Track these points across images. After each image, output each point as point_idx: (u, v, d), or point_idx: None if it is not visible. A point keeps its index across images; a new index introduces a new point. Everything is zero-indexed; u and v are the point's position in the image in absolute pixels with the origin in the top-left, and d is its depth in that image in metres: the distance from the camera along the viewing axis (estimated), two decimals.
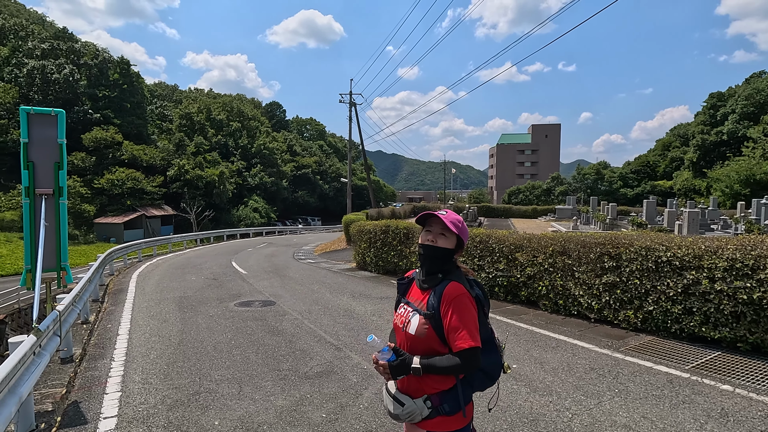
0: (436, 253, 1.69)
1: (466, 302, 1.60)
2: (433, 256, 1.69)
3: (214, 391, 4.16)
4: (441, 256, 1.69)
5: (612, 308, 6.02)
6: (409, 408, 1.59)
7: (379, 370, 1.62)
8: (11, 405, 2.82)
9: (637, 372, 4.39)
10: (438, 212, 1.71)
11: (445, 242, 1.69)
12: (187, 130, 52.20)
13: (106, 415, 3.73)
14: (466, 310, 1.58)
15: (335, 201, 66.75)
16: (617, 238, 6.11)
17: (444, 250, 1.69)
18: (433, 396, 1.61)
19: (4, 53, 41.35)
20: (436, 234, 1.70)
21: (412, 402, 1.60)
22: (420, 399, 1.61)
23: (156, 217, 41.51)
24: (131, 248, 17.11)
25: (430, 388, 1.61)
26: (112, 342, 5.87)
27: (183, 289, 9.81)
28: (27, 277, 4.23)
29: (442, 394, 1.61)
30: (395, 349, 1.61)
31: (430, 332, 1.61)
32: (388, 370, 1.59)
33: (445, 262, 1.70)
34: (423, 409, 1.59)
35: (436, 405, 1.60)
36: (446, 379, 1.61)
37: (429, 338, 1.61)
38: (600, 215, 24.13)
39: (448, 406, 1.60)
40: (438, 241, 1.69)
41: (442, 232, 1.70)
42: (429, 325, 1.61)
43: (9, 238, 28.64)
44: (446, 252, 1.69)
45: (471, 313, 1.60)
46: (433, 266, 1.70)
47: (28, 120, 4.07)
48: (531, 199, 53.53)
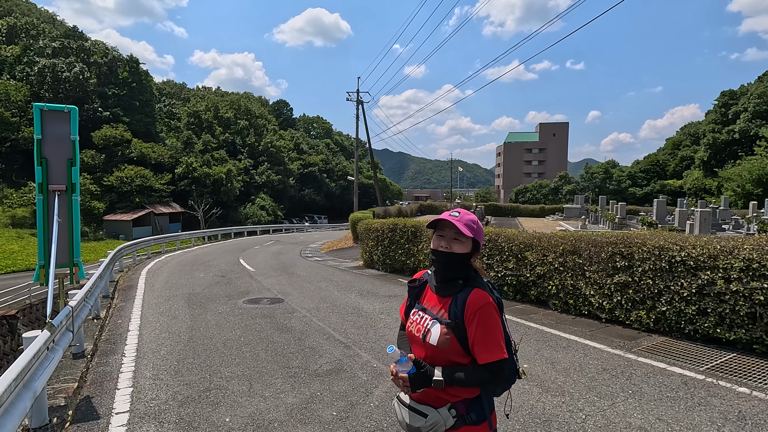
0: (452, 260, 1.56)
1: (492, 312, 1.49)
2: (448, 263, 1.57)
3: (225, 387, 4.16)
4: (457, 262, 1.56)
5: (624, 308, 5.94)
6: (433, 419, 1.49)
7: (398, 383, 1.50)
8: (26, 399, 2.84)
9: (650, 373, 4.32)
10: (449, 214, 1.58)
11: (460, 247, 1.56)
12: (195, 128, 52.53)
13: (118, 410, 3.75)
14: (492, 321, 1.48)
15: (341, 199, 66.84)
16: (629, 238, 6.03)
17: (460, 255, 1.56)
18: (458, 404, 1.51)
19: (15, 52, 41.83)
20: (450, 239, 1.56)
21: (435, 412, 1.49)
22: (444, 408, 1.50)
23: (164, 215, 41.83)
24: (140, 245, 17.25)
25: (454, 396, 1.52)
26: (123, 338, 5.91)
27: (192, 286, 9.86)
28: (40, 273, 4.26)
29: (468, 402, 1.52)
30: (416, 361, 1.50)
31: (454, 343, 1.50)
32: (407, 383, 1.47)
33: (462, 267, 1.57)
34: (448, 418, 1.49)
35: (462, 414, 1.50)
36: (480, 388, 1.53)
37: (451, 349, 1.50)
38: (609, 214, 23.92)
39: (474, 415, 1.50)
40: (453, 246, 1.56)
41: (456, 237, 1.56)
42: (452, 335, 1.50)
43: (20, 234, 29.01)
44: (463, 257, 1.56)
45: (498, 324, 1.50)
46: (450, 273, 1.58)
47: (41, 117, 4.10)
48: (538, 198, 53.22)
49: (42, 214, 4.21)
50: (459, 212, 1.59)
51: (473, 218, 1.59)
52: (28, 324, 13.57)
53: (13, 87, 37.22)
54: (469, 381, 1.46)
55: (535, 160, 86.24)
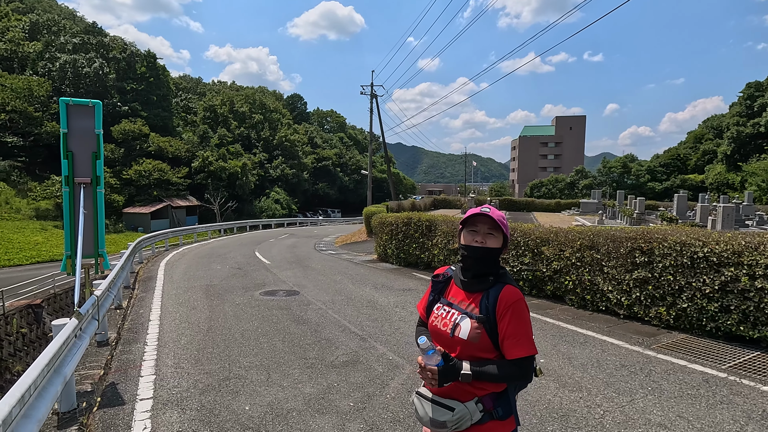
0: (485, 255, 1.56)
1: (523, 308, 1.50)
2: (482, 258, 1.57)
3: (244, 377, 4.25)
4: (490, 257, 1.57)
5: (643, 305, 5.85)
6: (460, 413, 1.47)
7: (426, 376, 1.48)
8: (57, 384, 2.95)
9: (670, 370, 4.26)
10: (481, 210, 1.58)
11: (494, 242, 1.57)
12: (210, 122, 53.17)
13: (142, 396, 3.86)
14: (524, 316, 1.50)
15: (355, 193, 67.00)
16: (650, 233, 5.92)
17: (493, 250, 1.57)
18: (484, 398, 1.50)
19: (38, 48, 42.81)
20: (484, 234, 1.57)
21: (463, 406, 1.48)
22: (471, 402, 1.49)
23: (181, 208, 42.56)
24: (159, 237, 17.61)
25: (481, 390, 1.51)
26: (145, 327, 6.07)
27: (209, 278, 10.04)
28: (67, 263, 4.40)
29: (495, 396, 1.51)
30: (444, 355, 1.48)
31: (484, 337, 1.50)
32: (435, 375, 1.45)
33: (494, 263, 1.59)
34: (475, 412, 1.48)
35: (489, 408, 1.49)
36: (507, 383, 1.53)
37: (482, 344, 1.50)
38: (627, 210, 23.48)
39: (501, 410, 1.49)
40: (487, 241, 1.56)
41: (491, 231, 1.57)
42: (482, 329, 1.50)
43: (44, 226, 29.88)
44: (495, 252, 1.57)
45: (528, 320, 1.51)
46: (482, 268, 1.58)
47: (67, 111, 4.20)
48: (554, 193, 52.49)
49: (68, 206, 4.33)
50: (489, 208, 1.60)
51: (503, 214, 1.61)
52: (53, 313, 14.02)
53: (36, 82, 38.13)
54: (498, 376, 1.46)
55: (550, 154, 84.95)
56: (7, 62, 41.31)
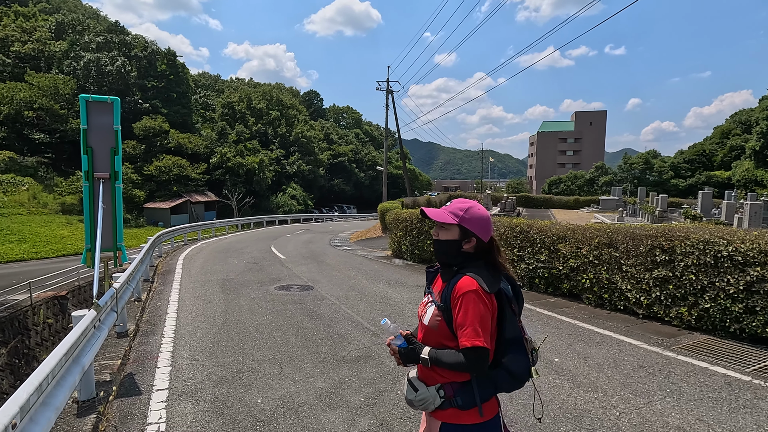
0: (441, 247, 1.67)
1: (473, 298, 1.50)
2: (438, 249, 1.68)
3: (257, 370, 4.30)
4: (446, 248, 1.65)
5: (663, 304, 5.69)
6: (423, 395, 1.57)
7: (392, 355, 1.66)
8: (75, 374, 3.03)
9: (690, 372, 4.14)
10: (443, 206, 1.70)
11: (445, 234, 1.65)
12: (228, 118, 53.83)
13: (158, 387, 3.94)
14: (473, 307, 1.50)
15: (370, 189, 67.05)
16: (671, 231, 5.75)
17: (447, 242, 1.64)
18: (446, 386, 1.57)
19: (63, 47, 43.99)
20: (438, 227, 1.68)
21: (426, 389, 1.58)
22: (433, 387, 1.58)
23: (200, 203, 43.30)
24: (177, 232, 17.97)
25: (444, 378, 1.58)
26: (162, 319, 6.20)
27: (226, 272, 10.20)
28: (87, 256, 4.51)
29: (455, 385, 1.57)
30: (407, 337, 1.63)
31: (442, 325, 1.58)
32: (398, 355, 1.62)
33: (453, 254, 1.64)
34: (436, 398, 1.56)
35: (449, 396, 1.56)
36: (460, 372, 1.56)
37: (441, 331, 1.59)
38: (648, 207, 22.88)
39: (461, 399, 1.54)
40: (440, 234, 1.66)
41: (441, 224, 1.66)
42: (441, 317, 1.59)
43: (69, 220, 30.81)
44: (450, 244, 1.64)
45: (478, 311, 1.50)
46: (443, 258, 1.68)
47: (87, 107, 4.30)
48: (573, 190, 51.50)
49: (88, 200, 4.44)
50: (452, 201, 1.69)
51: (463, 206, 1.65)
52: (77, 304, 14.47)
53: (62, 81, 39.23)
54: (449, 363, 1.53)
55: (569, 150, 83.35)
56: (35, 61, 42.60)
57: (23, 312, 12.01)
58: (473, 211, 1.64)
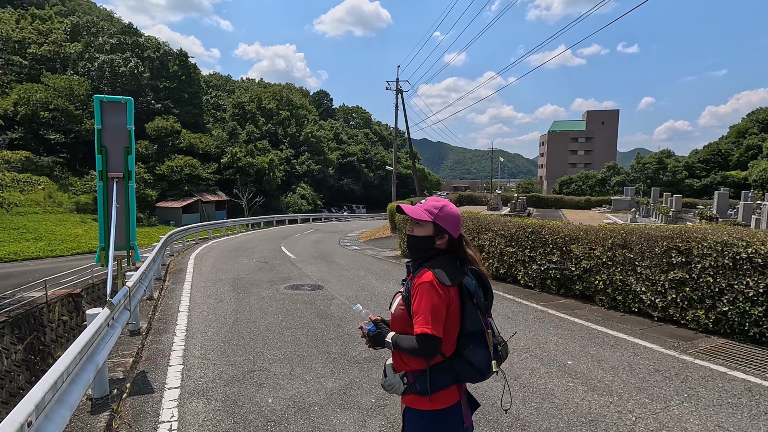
0: (413, 242, 1.77)
1: (427, 289, 1.62)
2: (411, 244, 1.79)
3: (267, 369, 4.31)
4: (418, 243, 1.76)
5: (679, 307, 5.58)
6: (390, 380, 1.72)
7: (363, 338, 1.80)
8: (89, 371, 3.05)
9: (708, 377, 4.04)
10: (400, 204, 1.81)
11: (420, 230, 1.75)
12: (239, 119, 54.27)
13: (170, 385, 3.97)
14: (426, 297, 1.62)
15: (379, 189, 67.05)
16: (688, 232, 5.63)
17: (420, 238, 1.75)
18: (408, 374, 1.71)
19: (78, 49, 44.73)
20: (413, 223, 1.78)
21: (393, 375, 1.73)
22: (399, 374, 1.72)
23: (211, 203, 43.70)
24: (189, 231, 18.14)
25: (407, 366, 1.72)
26: (174, 318, 6.25)
27: (236, 271, 10.26)
28: (101, 255, 4.56)
29: (415, 373, 1.69)
30: (376, 322, 1.78)
31: (404, 313, 1.71)
32: (368, 337, 1.77)
33: (424, 249, 1.76)
34: (400, 384, 1.70)
35: (410, 382, 1.69)
36: (420, 360, 1.68)
37: (403, 319, 1.72)
38: (662, 207, 22.50)
39: (419, 386, 1.67)
40: (414, 230, 1.76)
41: (417, 221, 1.76)
42: (404, 306, 1.71)
43: (83, 219, 31.33)
44: (423, 239, 1.75)
45: (431, 301, 1.61)
46: (415, 253, 1.79)
47: (101, 108, 4.34)
48: (584, 190, 50.89)
49: (102, 199, 4.49)
50: (426, 199, 1.79)
51: (438, 204, 1.75)
52: (91, 302, 14.69)
53: (77, 82, 39.87)
54: (405, 348, 1.66)
55: (581, 149, 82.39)
56: (51, 63, 43.36)
57: (39, 309, 12.22)
58: (447, 209, 1.75)
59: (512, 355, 4.59)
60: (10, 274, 17.51)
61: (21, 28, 43.45)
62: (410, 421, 1.72)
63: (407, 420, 1.73)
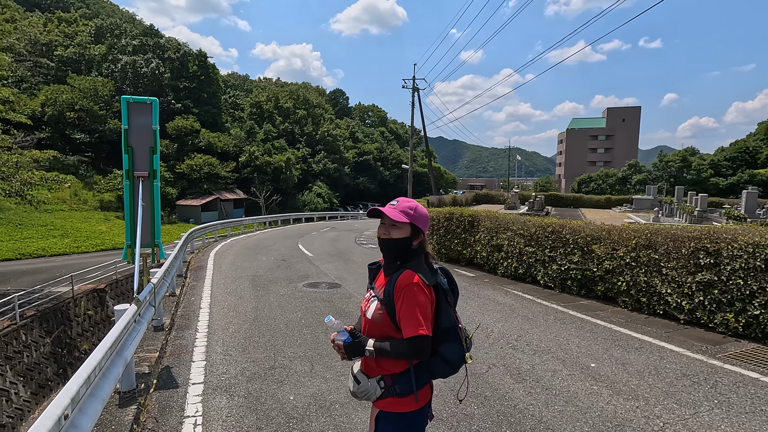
0: (392, 245, 1.74)
1: (415, 291, 1.62)
2: (387, 247, 1.75)
3: (288, 367, 4.35)
4: (396, 246, 1.73)
5: (707, 310, 5.42)
6: (364, 387, 1.69)
7: (337, 350, 1.72)
8: (119, 366, 3.14)
9: (740, 383, 3.91)
10: (390, 205, 1.76)
11: (398, 233, 1.73)
12: (256, 118, 54.96)
13: (194, 381, 4.04)
14: (414, 299, 1.61)
15: (395, 188, 67.01)
16: (717, 232, 5.46)
17: (398, 240, 1.73)
18: (386, 377, 1.69)
19: (102, 51, 45.94)
20: (389, 226, 1.74)
21: (367, 381, 1.69)
22: (374, 379, 1.69)
23: (229, 201, 44.39)
24: (208, 229, 18.46)
25: (384, 369, 1.69)
26: (196, 314, 6.36)
27: (255, 269, 10.39)
28: (128, 252, 4.67)
29: (394, 376, 1.68)
30: (351, 332, 1.72)
31: (385, 317, 1.68)
32: (342, 350, 1.69)
33: (401, 251, 1.74)
34: (376, 389, 1.68)
35: (388, 386, 1.67)
36: (399, 362, 1.67)
37: (384, 323, 1.69)
38: (686, 207, 21.89)
39: (399, 387, 1.66)
40: (391, 233, 1.73)
41: (393, 223, 1.73)
42: (384, 310, 1.68)
43: (107, 216, 32.20)
44: (400, 242, 1.73)
45: (420, 302, 1.62)
46: (391, 256, 1.76)
47: (128, 108, 4.44)
48: (604, 189, 49.89)
49: (128, 198, 4.60)
50: (398, 201, 1.77)
51: (411, 205, 1.75)
52: (115, 297, 15.10)
53: (101, 83, 40.97)
54: (394, 352, 1.63)
55: (600, 147, 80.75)
56: (76, 65, 44.63)
57: (66, 303, 12.62)
58: (420, 209, 1.76)
59: (533, 357, 4.54)
60: (38, 269, 18.12)
61: (48, 31, 44.86)
62: (386, 424, 1.70)
63: (381, 425, 1.71)
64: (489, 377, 4.02)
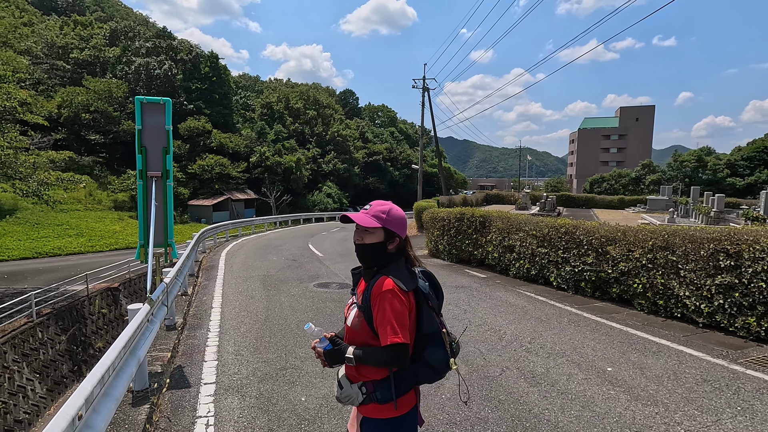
0: (366, 251, 1.71)
1: (389, 298, 1.59)
2: (362, 252, 1.73)
3: (299, 367, 4.33)
4: (371, 251, 1.70)
5: (727, 313, 5.28)
6: (347, 392, 1.68)
7: (317, 357, 1.71)
8: (132, 365, 3.15)
9: (764, 389, 3.79)
10: (363, 210, 1.73)
11: (371, 238, 1.70)
12: (267, 118, 55.31)
13: (206, 381, 4.05)
14: (389, 306, 1.58)
15: (404, 188, 66.91)
16: (737, 234, 5.32)
17: (372, 245, 1.70)
18: (367, 383, 1.67)
19: (116, 53, 46.66)
20: (362, 231, 1.72)
21: (349, 387, 1.68)
22: (356, 384, 1.68)
23: (240, 201, 44.74)
24: (219, 228, 18.61)
25: (364, 376, 1.68)
26: (207, 314, 6.39)
27: (266, 269, 10.43)
28: (141, 252, 4.70)
29: (375, 382, 1.66)
30: (332, 339, 1.69)
31: (363, 325, 1.66)
32: (323, 357, 1.68)
33: (377, 256, 1.71)
34: (358, 394, 1.67)
35: (369, 392, 1.66)
36: (380, 369, 1.65)
37: (363, 331, 1.67)
38: (702, 207, 21.45)
39: (380, 394, 1.64)
40: (365, 238, 1.71)
41: (365, 229, 1.70)
42: (362, 318, 1.66)
43: (121, 216, 32.68)
44: (375, 247, 1.70)
45: (395, 309, 1.58)
46: (367, 261, 1.73)
47: (141, 109, 4.47)
48: (616, 189, 49.20)
49: (142, 198, 4.63)
50: (371, 205, 1.74)
51: (384, 209, 1.72)
52: (128, 296, 15.29)
53: (115, 85, 41.60)
54: (373, 360, 1.61)
55: (613, 147, 79.65)
56: (91, 67, 45.41)
57: (81, 302, 12.81)
58: (393, 212, 1.72)
59: (547, 360, 4.46)
60: (54, 267, 18.45)
61: (64, 34, 45.68)
62: (370, 430, 1.69)
63: (365, 430, 1.70)
64: (503, 380, 3.96)
